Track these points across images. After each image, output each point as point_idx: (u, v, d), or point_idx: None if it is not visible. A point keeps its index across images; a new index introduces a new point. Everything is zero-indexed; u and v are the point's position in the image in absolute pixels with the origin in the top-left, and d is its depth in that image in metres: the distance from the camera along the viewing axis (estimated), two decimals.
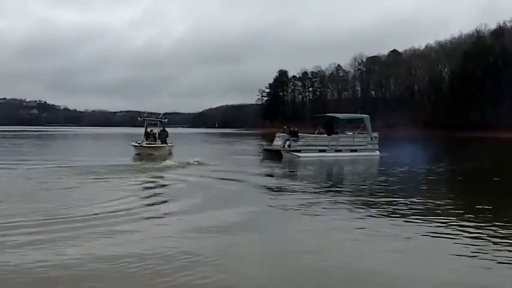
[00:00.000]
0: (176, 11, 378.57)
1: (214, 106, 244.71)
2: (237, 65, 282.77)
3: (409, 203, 14.22)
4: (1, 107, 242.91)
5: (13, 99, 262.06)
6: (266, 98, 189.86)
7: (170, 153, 35.58)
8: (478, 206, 13.63)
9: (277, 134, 35.79)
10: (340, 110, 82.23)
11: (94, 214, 12.04)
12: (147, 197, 15.18)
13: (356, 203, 14.26)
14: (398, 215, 12.43)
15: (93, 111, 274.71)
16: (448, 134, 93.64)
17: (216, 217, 11.93)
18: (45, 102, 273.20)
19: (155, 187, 17.87)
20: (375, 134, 36.62)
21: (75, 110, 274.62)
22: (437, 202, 14.52)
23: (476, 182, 22.23)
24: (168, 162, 26.61)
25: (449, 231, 10.64)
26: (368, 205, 13.97)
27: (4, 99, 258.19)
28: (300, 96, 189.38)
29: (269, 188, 18.18)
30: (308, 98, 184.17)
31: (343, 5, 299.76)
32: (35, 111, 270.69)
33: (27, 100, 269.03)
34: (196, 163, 26.39)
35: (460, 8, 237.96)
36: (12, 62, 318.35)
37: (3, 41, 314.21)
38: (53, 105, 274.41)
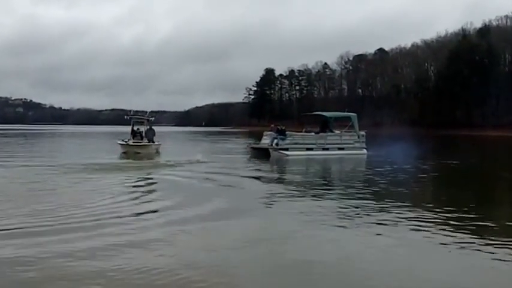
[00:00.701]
0: (162, 9, 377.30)
1: (200, 104, 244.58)
2: (224, 63, 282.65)
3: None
4: None
5: None
6: (253, 97, 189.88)
7: (157, 152, 35.45)
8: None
9: (265, 133, 35.68)
10: (327, 108, 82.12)
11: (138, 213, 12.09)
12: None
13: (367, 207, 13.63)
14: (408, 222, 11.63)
15: (78, 109, 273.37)
16: (434, 132, 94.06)
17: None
18: (31, 100, 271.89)
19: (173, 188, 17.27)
20: (362, 133, 36.61)
21: (60, 108, 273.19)
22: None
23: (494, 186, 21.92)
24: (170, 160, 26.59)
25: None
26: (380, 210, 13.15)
27: None
28: (286, 94, 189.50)
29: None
30: (295, 96, 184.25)
31: (330, 3, 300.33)
32: (20, 109, 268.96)
33: (13, 98, 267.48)
34: (199, 161, 26.65)
35: (446, 7, 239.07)
36: None
37: None
38: (39, 104, 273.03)
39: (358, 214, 12.31)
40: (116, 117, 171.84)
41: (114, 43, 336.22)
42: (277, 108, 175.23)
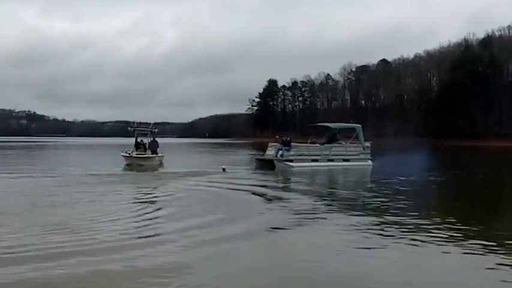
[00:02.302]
0: (166, 21, 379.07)
1: (204, 116, 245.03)
2: (227, 75, 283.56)
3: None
4: None
5: (2, 109, 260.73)
6: (256, 108, 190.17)
7: (161, 164, 35.34)
8: None
9: (270, 144, 35.53)
10: (329, 119, 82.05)
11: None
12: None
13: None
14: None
15: (82, 121, 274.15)
16: (438, 142, 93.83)
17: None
18: (35, 112, 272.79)
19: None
20: (367, 144, 36.43)
21: (64, 120, 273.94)
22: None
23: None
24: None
25: None
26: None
27: None
28: (289, 105, 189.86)
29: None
30: (298, 107, 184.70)
31: (332, 14, 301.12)
32: (24, 121, 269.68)
33: (17, 110, 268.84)
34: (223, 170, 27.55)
35: (449, 18, 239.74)
36: (1, 71, 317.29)
37: None
38: (42, 116, 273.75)
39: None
40: (120, 129, 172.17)
41: (117, 55, 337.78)
42: (280, 120, 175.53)
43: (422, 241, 10.51)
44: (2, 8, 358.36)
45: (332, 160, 34.44)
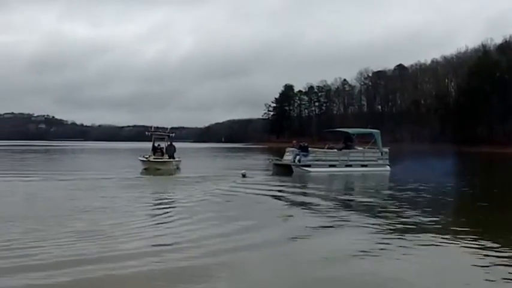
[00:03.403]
0: (184, 26, 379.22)
1: (220, 121, 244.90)
2: (244, 80, 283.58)
3: None
4: (9, 121, 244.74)
5: (21, 113, 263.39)
6: (272, 113, 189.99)
7: (178, 168, 35.50)
8: None
9: (287, 149, 35.52)
10: (346, 124, 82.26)
11: None
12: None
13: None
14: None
15: (100, 125, 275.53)
16: (455, 148, 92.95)
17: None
18: (53, 116, 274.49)
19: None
20: (386, 149, 36.26)
21: (82, 125, 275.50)
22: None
23: None
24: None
25: None
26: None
27: (12, 113, 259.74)
28: (306, 110, 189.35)
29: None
30: (314, 112, 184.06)
31: (350, 19, 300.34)
32: (42, 125, 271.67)
33: (35, 115, 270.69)
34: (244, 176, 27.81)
35: (466, 23, 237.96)
36: (21, 76, 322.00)
37: (13, 56, 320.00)
38: (61, 120, 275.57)
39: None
40: (137, 133, 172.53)
41: (136, 60, 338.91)
42: (297, 125, 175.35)
43: (445, 245, 10.52)
44: (23, 14, 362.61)
45: (350, 166, 34.35)
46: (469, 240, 11.22)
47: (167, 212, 14.85)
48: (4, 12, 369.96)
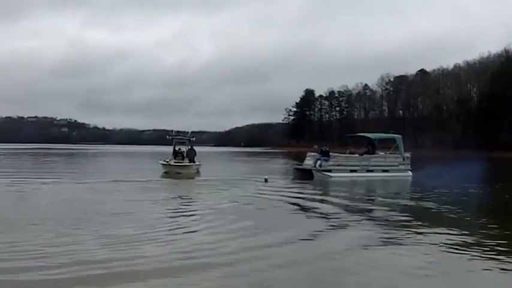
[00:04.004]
0: (204, 32, 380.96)
1: (240, 125, 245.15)
2: (264, 84, 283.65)
3: None
4: (33, 125, 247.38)
5: (44, 117, 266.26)
6: (292, 118, 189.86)
7: (198, 172, 35.58)
8: None
9: (308, 154, 35.37)
10: (367, 129, 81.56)
11: None
12: None
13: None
14: None
15: (121, 129, 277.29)
16: (477, 154, 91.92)
17: None
18: (75, 120, 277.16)
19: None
20: (407, 154, 35.99)
21: (104, 129, 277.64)
22: None
23: None
24: None
25: None
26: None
27: (36, 117, 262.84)
28: (326, 115, 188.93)
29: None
30: (335, 117, 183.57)
31: (371, 24, 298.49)
32: (65, 129, 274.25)
33: (58, 118, 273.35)
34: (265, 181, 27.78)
35: (489, 28, 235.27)
36: (45, 81, 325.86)
37: (37, 61, 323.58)
38: (83, 124, 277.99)
39: None
40: (158, 137, 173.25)
41: (157, 65, 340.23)
42: (317, 129, 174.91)
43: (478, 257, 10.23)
44: (47, 20, 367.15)
45: (371, 171, 34.14)
46: None
47: (195, 220, 14.43)
48: (30, 19, 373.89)
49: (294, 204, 18.80)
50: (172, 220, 14.21)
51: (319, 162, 33.13)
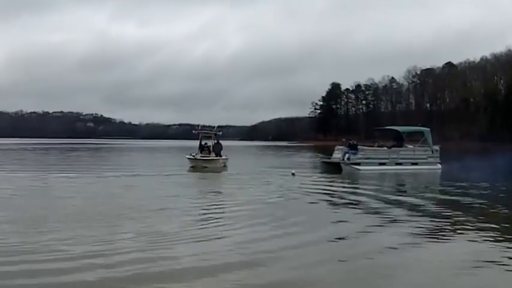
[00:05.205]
0: (232, 25, 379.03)
1: (267, 119, 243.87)
2: (291, 78, 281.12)
3: None
4: (58, 120, 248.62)
5: (70, 112, 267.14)
6: (319, 111, 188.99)
7: (225, 166, 35.67)
8: None
9: (336, 147, 35.32)
10: (394, 122, 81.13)
11: None
12: None
13: None
14: None
15: (147, 124, 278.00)
16: (505, 147, 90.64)
17: None
18: (101, 115, 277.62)
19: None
20: (436, 147, 35.74)
21: (130, 123, 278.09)
22: None
23: None
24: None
25: None
26: None
27: (61, 112, 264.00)
28: (353, 109, 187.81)
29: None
30: (361, 110, 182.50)
31: (398, 17, 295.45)
32: (91, 124, 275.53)
33: (84, 113, 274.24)
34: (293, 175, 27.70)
35: None
36: (70, 75, 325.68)
37: (63, 55, 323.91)
38: (109, 118, 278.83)
39: None
40: (184, 131, 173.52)
41: (184, 59, 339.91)
42: (344, 123, 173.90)
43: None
44: (74, 14, 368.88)
45: (400, 164, 33.97)
46: None
47: (233, 217, 13.89)
48: (56, 12, 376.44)
49: (332, 197, 18.99)
50: (213, 215, 14.21)
51: (347, 155, 33.08)
